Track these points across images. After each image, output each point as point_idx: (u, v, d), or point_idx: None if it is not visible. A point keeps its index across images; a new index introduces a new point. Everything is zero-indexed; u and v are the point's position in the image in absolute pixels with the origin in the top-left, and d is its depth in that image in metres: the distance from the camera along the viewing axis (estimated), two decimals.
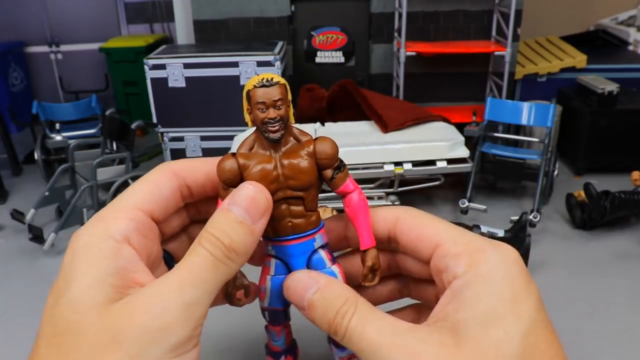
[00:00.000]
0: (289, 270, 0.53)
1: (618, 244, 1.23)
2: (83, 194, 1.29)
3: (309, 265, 0.53)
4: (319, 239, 0.54)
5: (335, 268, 0.54)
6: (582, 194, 1.28)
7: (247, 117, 0.51)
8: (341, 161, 0.53)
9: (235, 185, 0.50)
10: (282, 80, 0.50)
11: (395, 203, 1.33)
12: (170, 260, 0.55)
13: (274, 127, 0.49)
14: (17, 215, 1.32)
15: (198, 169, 0.51)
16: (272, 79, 0.49)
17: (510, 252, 0.45)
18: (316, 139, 0.53)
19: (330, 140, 0.52)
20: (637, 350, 0.88)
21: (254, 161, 0.50)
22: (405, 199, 1.39)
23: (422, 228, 0.48)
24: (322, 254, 0.54)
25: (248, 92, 0.50)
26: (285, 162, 0.50)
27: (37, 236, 1.25)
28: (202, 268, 0.40)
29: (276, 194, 0.50)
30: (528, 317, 0.41)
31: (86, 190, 1.29)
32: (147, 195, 0.47)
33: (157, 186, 0.49)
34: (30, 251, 1.26)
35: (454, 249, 0.44)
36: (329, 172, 0.53)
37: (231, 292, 0.51)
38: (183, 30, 1.85)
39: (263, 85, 0.49)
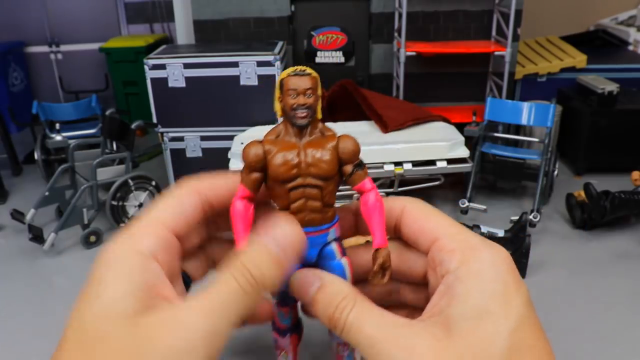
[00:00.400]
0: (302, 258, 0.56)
1: (618, 244, 1.23)
2: (83, 194, 1.29)
3: (320, 256, 0.56)
4: (332, 233, 0.58)
5: (344, 261, 0.58)
6: (582, 194, 1.28)
7: (277, 106, 0.54)
8: (362, 161, 0.56)
9: (258, 170, 0.53)
10: (315, 74, 0.54)
11: None
12: (187, 279, 0.57)
13: (302, 113, 0.53)
14: (17, 215, 1.32)
15: (220, 186, 0.53)
16: (305, 70, 0.53)
17: (502, 252, 0.48)
18: (340, 136, 0.56)
19: (353, 138, 0.56)
20: (637, 350, 0.88)
21: (279, 147, 0.53)
22: None
23: (424, 220, 0.51)
24: (334, 246, 0.58)
25: (282, 80, 0.53)
26: (309, 150, 0.55)
27: (37, 236, 1.25)
28: (231, 300, 0.40)
29: (296, 180, 0.54)
30: (517, 314, 0.43)
31: (86, 190, 1.29)
32: (170, 212, 0.50)
33: (180, 203, 0.51)
34: (30, 251, 1.26)
35: (450, 245, 0.47)
36: (348, 168, 0.56)
37: None
38: (183, 30, 1.85)
39: (297, 74, 0.53)
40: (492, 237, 1.20)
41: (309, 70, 0.55)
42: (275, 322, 0.65)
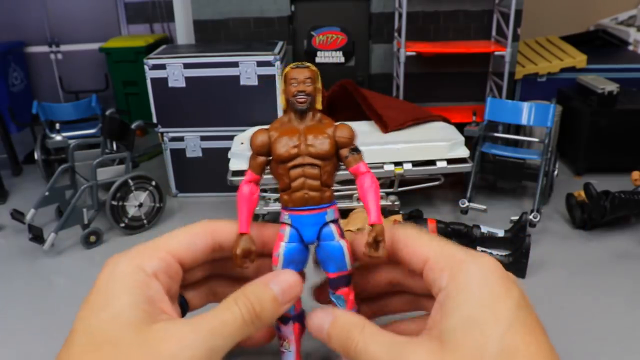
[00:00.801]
0: (302, 239, 0.60)
1: (618, 244, 1.23)
2: (83, 194, 1.29)
3: (319, 236, 0.60)
4: (331, 213, 0.61)
5: (342, 242, 0.62)
6: (582, 194, 1.28)
7: (282, 98, 0.61)
8: (357, 147, 0.62)
9: (264, 154, 0.61)
10: (314, 67, 0.61)
11: (395, 203, 1.33)
12: (184, 305, 0.62)
13: (302, 98, 0.59)
14: (17, 215, 1.32)
15: (235, 233, 0.58)
16: (304, 63, 0.61)
17: (488, 262, 0.52)
18: (338, 123, 0.62)
19: (349, 126, 0.62)
20: (637, 351, 0.88)
21: (282, 132, 0.60)
22: (405, 199, 1.39)
23: (413, 244, 0.55)
24: (332, 227, 0.61)
25: (285, 74, 0.60)
26: (309, 134, 0.60)
27: (37, 236, 1.25)
28: (232, 325, 0.48)
29: (296, 159, 0.59)
30: (506, 319, 0.46)
31: (86, 190, 1.29)
32: (181, 244, 0.56)
33: (193, 240, 0.57)
34: (30, 251, 1.26)
35: (438, 264, 0.51)
36: (345, 151, 0.61)
37: (238, 254, 0.57)
38: (183, 30, 1.85)
39: (297, 67, 0.60)
40: (492, 237, 1.20)
41: (308, 64, 0.60)
42: None
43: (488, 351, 0.42)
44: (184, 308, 0.63)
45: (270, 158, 0.64)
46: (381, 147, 1.31)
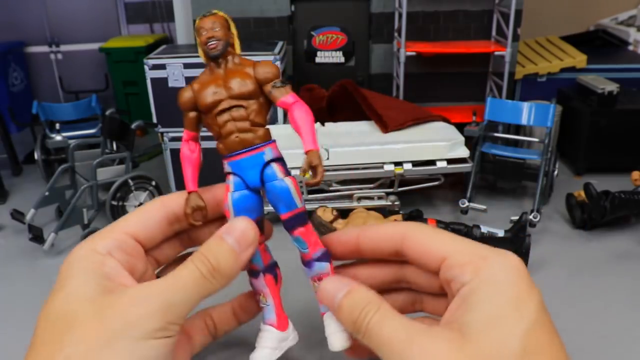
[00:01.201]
0: (247, 186, 0.58)
1: (618, 244, 1.23)
2: (83, 194, 1.29)
3: (262, 179, 0.59)
4: (269, 152, 0.59)
5: (287, 180, 0.59)
6: (582, 194, 1.28)
7: (200, 51, 0.61)
8: (285, 81, 0.61)
9: (192, 109, 0.61)
10: (221, 13, 0.61)
11: (395, 203, 1.33)
12: None
13: (213, 43, 0.59)
14: (17, 215, 1.32)
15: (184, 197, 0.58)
16: (210, 11, 0.61)
17: (512, 259, 0.51)
18: (258, 62, 0.61)
19: (269, 61, 0.61)
20: (637, 351, 0.88)
21: (203, 83, 0.59)
22: (405, 199, 1.39)
23: (428, 243, 0.54)
24: (275, 167, 0.59)
25: (196, 27, 0.60)
26: (229, 78, 0.59)
27: (37, 236, 1.25)
28: (187, 279, 0.48)
29: (220, 104, 0.58)
30: (529, 318, 0.46)
31: (86, 190, 1.29)
32: (134, 221, 0.57)
33: (145, 214, 0.58)
34: (30, 251, 1.26)
35: (460, 260, 0.50)
36: (268, 86, 0.60)
37: (189, 212, 0.57)
38: (183, 30, 1.85)
39: (203, 16, 0.60)
40: (492, 237, 1.20)
41: (215, 11, 0.60)
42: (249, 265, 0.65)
43: (510, 347, 0.42)
44: None
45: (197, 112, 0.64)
46: (381, 147, 1.31)
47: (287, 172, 0.60)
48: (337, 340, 0.63)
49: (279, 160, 0.60)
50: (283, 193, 0.59)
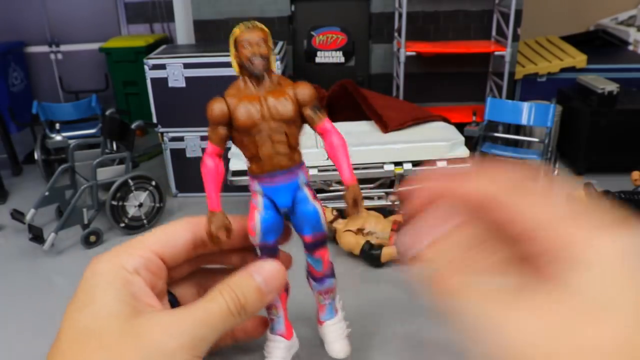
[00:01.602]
0: (276, 206, 0.58)
1: None
2: (83, 194, 1.29)
3: (294, 202, 0.59)
4: (302, 176, 0.59)
5: (317, 204, 0.60)
6: (583, 194, 1.28)
7: (234, 64, 0.56)
8: (320, 106, 0.59)
9: (224, 125, 0.58)
10: (264, 27, 0.55)
11: (395, 203, 1.33)
12: (174, 302, 0.62)
13: (258, 61, 0.55)
14: (17, 215, 1.32)
15: None
16: (254, 23, 0.55)
17: (629, 236, 0.49)
18: (296, 82, 0.59)
19: (308, 84, 0.59)
20: None
21: (241, 99, 0.56)
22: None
23: (520, 210, 0.53)
24: (306, 190, 0.59)
25: (235, 38, 0.56)
26: (269, 97, 0.56)
27: (37, 236, 1.25)
28: (217, 315, 0.48)
29: (261, 126, 0.56)
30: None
31: (86, 190, 1.29)
32: (161, 240, 0.55)
33: (173, 235, 0.56)
34: (30, 251, 1.26)
35: (562, 233, 0.48)
36: (308, 110, 0.59)
37: (213, 231, 0.56)
38: (183, 30, 1.85)
39: (247, 28, 0.54)
40: None
41: (258, 23, 0.57)
42: None
43: (617, 341, 0.41)
44: (174, 305, 0.63)
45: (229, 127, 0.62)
46: (381, 147, 1.31)
47: (315, 196, 0.60)
48: (339, 347, 0.69)
49: (308, 184, 0.61)
50: (313, 216, 0.60)
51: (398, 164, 1.30)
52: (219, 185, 0.59)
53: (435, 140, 1.33)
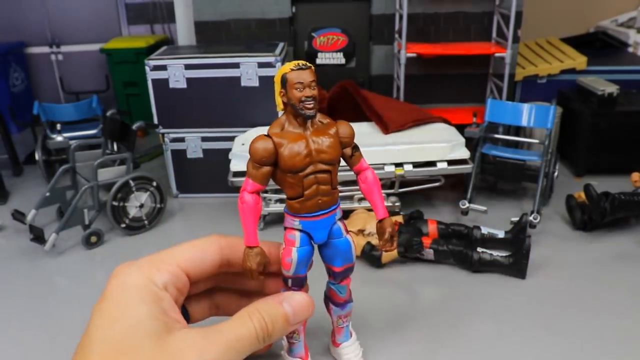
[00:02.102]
0: (312, 241, 0.62)
1: (618, 245, 1.23)
2: (84, 195, 1.29)
3: (329, 235, 0.63)
4: (338, 213, 0.63)
5: (349, 237, 0.65)
6: (582, 195, 1.29)
7: (279, 100, 0.59)
8: (356, 144, 0.63)
9: (270, 165, 0.58)
10: (312, 66, 0.59)
11: (396, 204, 1.33)
12: (185, 314, 0.64)
13: (310, 104, 0.57)
14: (18, 216, 1.32)
15: (242, 249, 0.60)
16: (305, 63, 0.58)
17: None
18: (337, 122, 0.62)
19: (348, 124, 0.62)
20: (637, 351, 0.88)
21: (288, 139, 0.57)
22: (406, 200, 1.39)
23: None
24: (340, 225, 0.64)
25: (284, 75, 0.57)
26: (316, 138, 0.58)
27: (38, 236, 1.25)
28: (246, 340, 0.51)
29: (308, 167, 0.58)
30: None
31: (87, 191, 1.29)
32: (190, 258, 0.58)
33: (203, 255, 0.59)
34: (31, 252, 1.26)
35: None
36: (348, 150, 0.62)
37: (254, 268, 0.58)
38: (184, 31, 1.85)
39: (300, 68, 0.57)
40: (492, 238, 1.20)
41: (308, 64, 0.58)
42: None
43: None
44: (185, 316, 0.64)
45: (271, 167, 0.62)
46: (382, 148, 1.31)
47: (347, 229, 0.65)
48: None
49: (341, 217, 0.65)
50: (346, 248, 0.65)
51: (399, 165, 1.31)
52: (256, 221, 0.60)
53: (436, 142, 1.33)
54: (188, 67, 1.42)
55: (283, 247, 0.63)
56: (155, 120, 1.49)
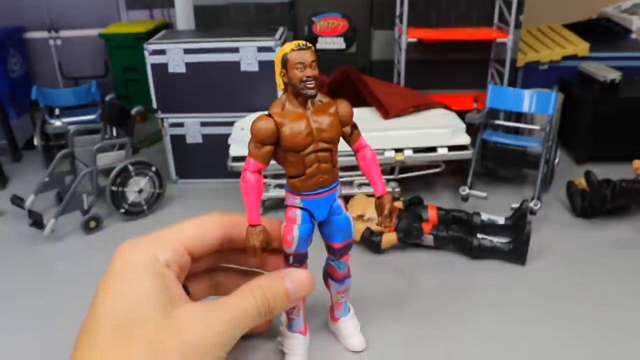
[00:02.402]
0: (312, 218, 0.62)
1: (618, 232, 1.23)
2: (83, 180, 1.29)
3: (329, 212, 0.64)
4: (338, 190, 0.65)
5: (349, 214, 0.67)
6: (583, 182, 1.28)
7: (279, 80, 0.59)
8: (355, 122, 0.64)
9: (271, 144, 0.58)
10: (312, 46, 0.59)
11: (396, 190, 1.33)
12: (186, 293, 0.64)
13: (311, 84, 0.57)
14: (17, 201, 1.32)
15: (244, 226, 0.60)
16: (305, 44, 0.58)
17: None
18: (336, 100, 0.62)
19: (347, 102, 0.63)
20: (637, 339, 0.88)
21: (289, 118, 0.57)
22: (406, 186, 1.38)
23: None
24: (340, 202, 0.65)
25: (284, 55, 0.57)
26: (317, 117, 0.59)
27: (37, 222, 1.25)
28: (248, 314, 0.52)
29: (310, 146, 0.58)
30: None
31: (86, 176, 1.29)
32: (192, 235, 0.59)
33: (205, 233, 0.59)
34: (30, 237, 1.26)
35: None
36: (348, 129, 0.63)
37: (258, 246, 0.58)
38: (183, 16, 1.84)
39: (300, 49, 0.57)
40: (492, 224, 1.20)
41: (309, 44, 0.58)
42: None
43: None
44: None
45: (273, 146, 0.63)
46: (382, 134, 1.30)
47: (346, 206, 0.66)
48: (356, 341, 0.76)
49: (341, 195, 0.66)
50: (346, 225, 0.66)
51: (399, 150, 1.30)
52: (259, 200, 0.60)
53: (437, 127, 1.33)
54: (187, 51, 1.41)
55: (284, 224, 0.63)
56: (155, 105, 1.48)
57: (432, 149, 1.32)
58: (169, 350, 0.46)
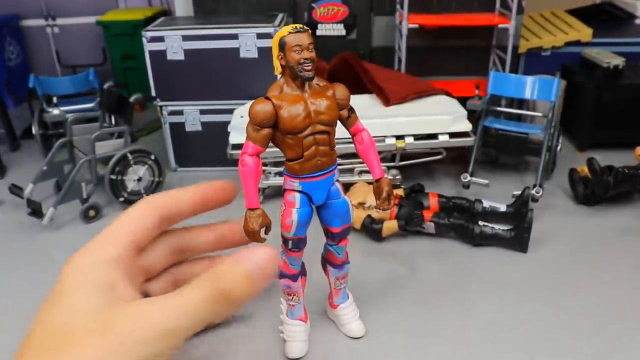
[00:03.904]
0: (311, 202, 0.63)
1: (620, 219, 1.22)
2: (81, 168, 1.28)
3: (328, 196, 0.64)
4: (336, 174, 0.65)
5: (347, 198, 0.67)
6: (585, 169, 1.27)
7: (277, 63, 0.59)
8: (351, 106, 0.64)
9: (270, 127, 0.59)
10: (309, 29, 0.60)
11: (397, 177, 1.32)
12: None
13: (309, 66, 0.58)
14: (16, 190, 1.31)
15: (182, 200, 0.56)
16: (302, 26, 0.59)
17: None
18: (333, 84, 0.63)
19: (344, 86, 0.64)
20: (638, 325, 0.88)
21: (287, 101, 0.59)
22: (407, 173, 1.37)
23: None
24: (338, 186, 0.65)
25: (282, 38, 0.58)
26: (314, 100, 0.60)
27: (35, 210, 1.24)
28: (196, 303, 0.46)
29: (308, 129, 0.59)
30: None
31: (85, 165, 1.28)
32: (133, 227, 0.54)
33: (140, 218, 0.55)
34: (29, 226, 1.25)
35: None
36: (345, 112, 0.63)
37: (257, 229, 0.58)
38: (182, 3, 1.82)
39: (298, 31, 0.58)
40: (494, 211, 1.19)
41: (306, 27, 0.58)
42: (286, 270, 0.71)
43: None
44: None
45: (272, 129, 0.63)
46: (383, 121, 1.29)
47: (344, 189, 0.66)
48: (355, 327, 0.77)
49: (339, 179, 0.66)
50: (344, 209, 0.66)
51: (400, 137, 1.29)
52: (257, 184, 0.60)
53: (438, 114, 1.31)
54: (186, 38, 1.40)
55: (283, 208, 0.63)
56: (153, 93, 1.47)
57: (433, 136, 1.30)
58: (97, 349, 0.44)
